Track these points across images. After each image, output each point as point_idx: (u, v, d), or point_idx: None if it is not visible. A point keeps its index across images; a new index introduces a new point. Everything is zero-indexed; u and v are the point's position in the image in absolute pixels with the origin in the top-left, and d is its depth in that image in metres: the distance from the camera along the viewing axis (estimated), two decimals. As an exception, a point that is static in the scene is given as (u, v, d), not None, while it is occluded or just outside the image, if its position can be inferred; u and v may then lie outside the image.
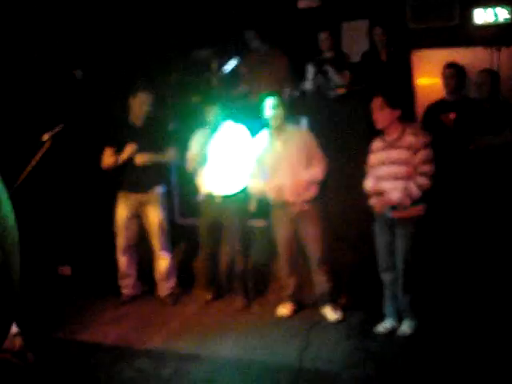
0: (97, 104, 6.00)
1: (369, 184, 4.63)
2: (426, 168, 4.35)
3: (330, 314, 5.11)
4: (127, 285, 5.78)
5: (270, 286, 5.76)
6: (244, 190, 5.39)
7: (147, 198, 5.54)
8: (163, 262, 5.66)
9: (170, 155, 5.55)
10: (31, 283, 5.76)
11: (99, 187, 5.95)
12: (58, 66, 6.48)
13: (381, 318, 4.86)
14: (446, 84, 5.33)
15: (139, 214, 5.61)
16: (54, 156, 5.10)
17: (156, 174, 5.51)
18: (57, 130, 4.98)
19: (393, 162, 4.45)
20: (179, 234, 6.08)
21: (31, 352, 4.51)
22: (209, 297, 5.69)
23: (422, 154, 4.35)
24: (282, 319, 5.21)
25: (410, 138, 4.37)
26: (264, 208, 5.37)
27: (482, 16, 5.99)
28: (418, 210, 4.44)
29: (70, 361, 4.60)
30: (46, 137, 4.90)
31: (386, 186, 4.48)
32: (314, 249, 5.08)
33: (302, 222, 5.08)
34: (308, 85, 6.08)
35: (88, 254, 6.25)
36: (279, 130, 5.05)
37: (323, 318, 5.11)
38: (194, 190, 5.66)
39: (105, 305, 5.72)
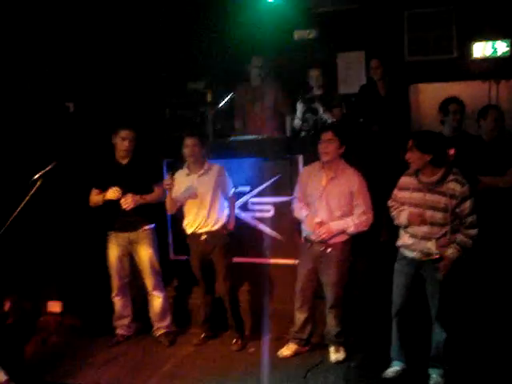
0: (88, 141, 5.88)
1: (404, 217, 4.44)
2: (474, 218, 4.23)
3: (332, 354, 5.03)
4: (122, 325, 5.67)
5: (266, 325, 5.60)
6: (224, 226, 5.32)
7: (137, 236, 5.44)
8: (157, 301, 5.55)
9: (156, 195, 5.45)
10: (21, 321, 5.73)
11: (93, 225, 5.82)
12: (51, 98, 6.40)
13: (382, 361, 4.73)
14: (453, 119, 5.24)
15: (130, 252, 5.51)
16: (48, 193, 5.04)
17: (144, 213, 5.41)
18: (49, 168, 4.92)
19: (430, 207, 4.30)
20: (173, 271, 5.97)
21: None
22: (202, 335, 5.55)
23: (469, 204, 4.22)
24: (279, 360, 5.06)
25: (453, 186, 4.24)
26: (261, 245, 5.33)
27: (481, 49, 5.94)
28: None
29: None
30: (37, 175, 4.84)
31: (421, 229, 4.35)
32: (329, 291, 4.97)
33: (322, 263, 4.96)
34: (297, 123, 6.03)
35: (80, 291, 6.11)
36: (331, 164, 4.90)
37: (322, 358, 5.00)
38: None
39: (97, 345, 5.58)
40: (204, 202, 5.24)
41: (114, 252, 5.48)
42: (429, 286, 4.40)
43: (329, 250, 4.89)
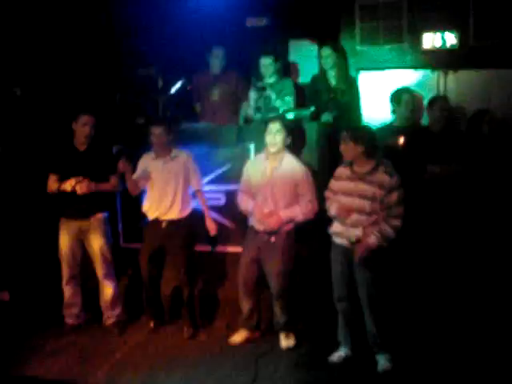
0: (38, 126, 5.75)
1: (333, 209, 4.57)
2: (400, 210, 4.33)
3: (283, 340, 5.08)
4: (71, 314, 5.59)
5: (217, 313, 5.65)
6: (189, 216, 5.31)
7: (88, 224, 5.38)
8: (107, 289, 5.50)
9: (111, 184, 5.41)
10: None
11: (44, 212, 5.71)
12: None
13: (331, 347, 4.81)
14: (405, 109, 5.31)
15: (82, 240, 5.44)
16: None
17: (97, 200, 5.35)
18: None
19: (360, 196, 4.39)
20: (124, 259, 5.91)
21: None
22: (151, 324, 5.53)
23: (396, 195, 4.31)
24: (230, 348, 5.09)
25: (382, 176, 4.33)
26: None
27: (431, 40, 6.01)
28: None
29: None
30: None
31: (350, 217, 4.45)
32: (273, 282, 4.99)
33: (266, 253, 4.99)
34: (250, 111, 6.02)
35: (28, 280, 6.01)
36: (276, 155, 4.94)
37: (272, 346, 5.04)
38: (138, 215, 5.54)
39: (46, 334, 5.48)
40: (168, 189, 5.23)
41: (64, 240, 5.40)
42: (357, 275, 4.50)
43: (273, 239, 4.93)
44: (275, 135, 4.88)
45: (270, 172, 4.94)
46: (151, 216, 5.33)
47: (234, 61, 6.57)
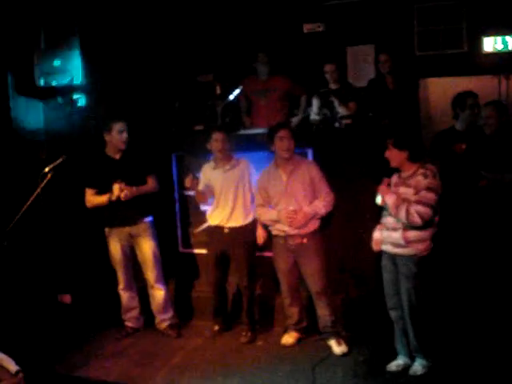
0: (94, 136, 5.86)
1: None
2: (429, 196, 4.19)
3: (335, 347, 5.05)
4: (131, 318, 5.70)
5: (276, 318, 5.65)
6: (251, 223, 5.34)
7: (136, 230, 5.46)
8: (159, 293, 5.57)
9: (149, 186, 5.48)
10: (31, 312, 5.77)
11: (93, 221, 5.83)
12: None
13: (389, 355, 4.75)
14: (470, 113, 5.19)
15: (132, 245, 5.53)
16: (57, 186, 5.06)
17: (141, 205, 5.42)
18: (59, 161, 4.94)
19: (401, 199, 4.35)
20: (181, 264, 6.03)
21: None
22: (216, 328, 5.57)
23: (425, 193, 4.19)
24: (287, 353, 5.09)
25: (419, 178, 4.26)
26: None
27: (491, 44, 5.91)
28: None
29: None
30: (47, 168, 4.86)
31: (390, 220, 4.41)
32: (313, 282, 5.04)
33: (301, 255, 5.04)
34: (313, 117, 6.02)
35: (89, 283, 6.16)
36: (287, 160, 5.00)
37: (329, 353, 5.01)
38: (197, 221, 5.64)
39: (106, 337, 5.62)
40: (229, 197, 5.28)
41: (116, 246, 5.49)
42: (400, 284, 4.44)
43: (305, 240, 4.97)
44: (288, 141, 4.92)
45: (286, 178, 5.00)
46: (214, 222, 5.39)
47: (290, 67, 6.60)
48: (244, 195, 5.31)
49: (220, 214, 5.33)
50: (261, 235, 5.34)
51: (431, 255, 4.35)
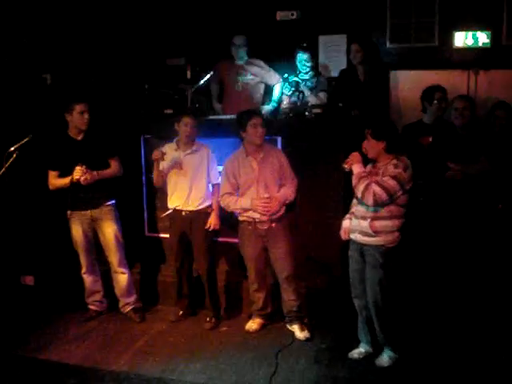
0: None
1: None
2: (390, 182, 4.18)
3: (298, 332, 5.11)
4: (94, 301, 5.66)
5: (242, 305, 5.67)
6: (208, 208, 5.33)
7: (98, 213, 5.40)
8: (122, 277, 5.54)
9: (113, 170, 5.42)
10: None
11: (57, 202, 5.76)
12: (28, 70, 6.29)
13: (352, 343, 4.81)
14: (437, 108, 5.27)
15: (94, 229, 5.47)
16: (21, 167, 4.97)
17: (104, 189, 5.36)
18: (24, 140, 4.86)
19: None
20: (147, 248, 6.00)
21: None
22: (180, 313, 5.57)
23: (388, 179, 4.21)
24: (251, 339, 5.12)
25: (389, 167, 4.28)
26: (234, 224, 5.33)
27: (462, 39, 5.98)
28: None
29: (32, 383, 4.48)
30: (13, 148, 4.78)
31: (360, 209, 4.43)
32: (281, 267, 5.09)
33: (270, 240, 5.08)
34: (284, 104, 6.00)
35: (52, 265, 6.09)
36: (258, 147, 5.00)
37: (292, 339, 5.05)
38: (163, 205, 5.62)
39: (70, 320, 5.57)
40: (187, 181, 5.24)
41: (78, 230, 5.42)
42: (367, 274, 4.47)
43: (273, 224, 5.02)
44: (261, 128, 4.94)
45: (257, 165, 5.02)
46: (173, 205, 5.36)
47: (262, 53, 6.59)
48: (200, 180, 5.28)
49: (178, 198, 5.31)
50: (214, 223, 5.32)
51: (399, 247, 4.37)
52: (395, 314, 4.52)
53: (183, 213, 5.30)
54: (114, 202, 5.48)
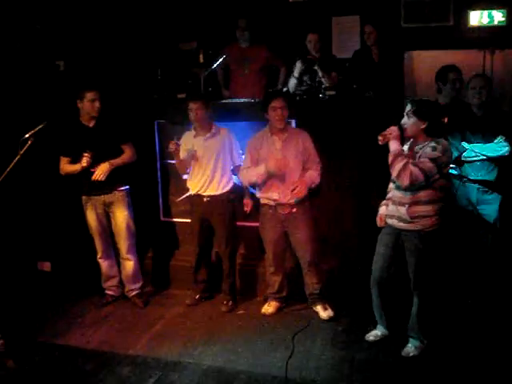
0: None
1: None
2: (428, 164, 4.08)
3: (322, 312, 5.13)
4: (110, 286, 5.69)
5: (258, 288, 5.67)
6: (230, 191, 5.33)
7: (111, 198, 5.41)
8: (129, 263, 5.57)
9: (126, 156, 5.41)
10: (11, 279, 5.74)
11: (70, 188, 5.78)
12: (41, 56, 6.29)
13: (368, 325, 4.81)
14: (452, 88, 5.21)
15: (108, 213, 5.49)
16: (37, 153, 4.98)
17: (117, 174, 5.35)
18: (39, 127, 4.86)
19: None
20: (162, 232, 6.02)
21: (12, 359, 4.45)
22: (197, 296, 5.59)
23: (427, 161, 4.11)
24: (267, 323, 5.14)
25: (427, 149, 4.16)
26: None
27: (477, 18, 5.91)
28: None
29: (51, 368, 4.51)
30: (28, 135, 4.78)
31: (398, 194, 4.36)
32: (304, 250, 5.08)
33: (291, 225, 5.06)
34: (292, 82, 5.94)
35: (69, 250, 6.14)
36: (281, 129, 4.97)
37: (308, 322, 5.06)
38: (177, 190, 5.68)
39: (87, 305, 5.61)
40: (208, 165, 5.24)
41: (92, 215, 5.45)
42: (407, 256, 4.40)
43: (294, 209, 4.99)
44: (282, 111, 4.89)
45: (280, 146, 4.99)
46: (193, 190, 5.36)
47: (274, 36, 6.56)
48: (223, 164, 5.27)
49: (199, 182, 5.30)
50: (248, 203, 5.37)
51: (438, 230, 4.28)
52: (432, 301, 4.47)
53: (204, 198, 5.30)
54: (127, 187, 5.49)
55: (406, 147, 4.38)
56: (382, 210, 4.56)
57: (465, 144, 4.85)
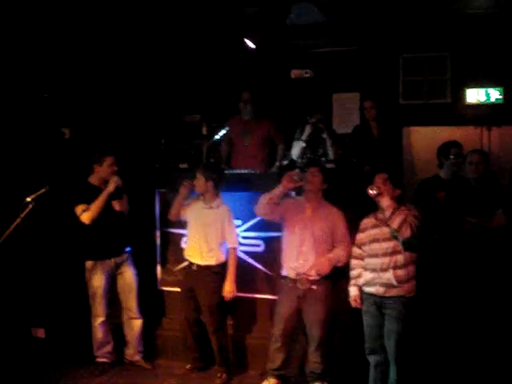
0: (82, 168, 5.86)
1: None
2: (415, 221, 4.29)
3: None
4: (105, 353, 5.57)
5: (249, 361, 5.56)
6: (220, 266, 5.28)
7: (122, 259, 5.48)
8: (137, 322, 5.55)
9: (123, 203, 5.49)
10: (4, 346, 5.65)
11: (71, 252, 5.80)
12: (47, 123, 6.43)
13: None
14: (454, 163, 5.30)
15: (115, 277, 5.50)
16: (37, 217, 5.00)
17: (123, 234, 5.46)
18: (41, 191, 4.90)
19: (384, 239, 4.43)
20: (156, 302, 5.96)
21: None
22: (188, 366, 5.49)
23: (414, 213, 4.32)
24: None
25: (401, 215, 4.32)
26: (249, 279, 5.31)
27: (474, 96, 6.05)
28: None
29: None
30: (29, 198, 4.82)
31: (377, 261, 4.43)
32: (315, 330, 4.94)
33: (308, 302, 4.94)
34: (298, 147, 5.87)
35: (62, 317, 6.06)
36: (314, 198, 5.02)
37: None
38: (175, 258, 5.69)
39: (79, 374, 5.46)
40: (200, 234, 5.27)
41: (101, 279, 5.41)
42: (386, 327, 4.42)
43: (314, 286, 4.90)
44: (314, 176, 4.95)
45: (310, 212, 4.99)
46: (187, 257, 5.38)
47: (277, 110, 6.69)
48: (218, 236, 5.28)
49: (192, 250, 5.33)
50: (228, 290, 5.22)
51: (416, 296, 4.36)
52: (412, 366, 4.45)
53: (193, 266, 5.31)
54: (130, 249, 5.55)
55: (369, 220, 4.58)
56: (354, 291, 4.62)
57: None
